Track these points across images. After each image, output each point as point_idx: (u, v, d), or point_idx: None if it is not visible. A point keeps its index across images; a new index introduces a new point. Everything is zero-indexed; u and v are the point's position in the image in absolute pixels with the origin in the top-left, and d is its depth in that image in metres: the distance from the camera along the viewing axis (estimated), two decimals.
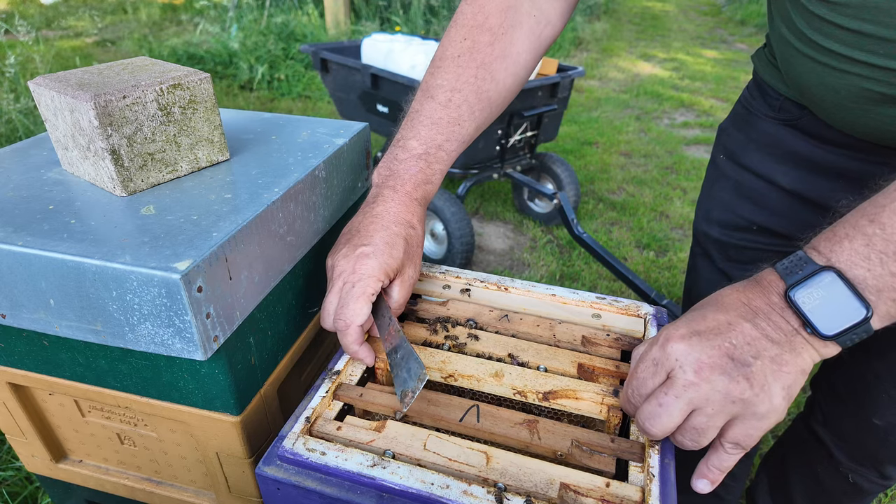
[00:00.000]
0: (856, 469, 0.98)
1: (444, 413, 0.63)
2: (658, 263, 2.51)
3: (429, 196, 0.73)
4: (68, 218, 0.65)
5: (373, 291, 0.64)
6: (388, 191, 0.71)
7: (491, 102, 0.76)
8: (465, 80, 0.73)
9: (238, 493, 0.78)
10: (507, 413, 0.63)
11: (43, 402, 0.80)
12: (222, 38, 5.03)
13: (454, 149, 0.74)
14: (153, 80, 0.69)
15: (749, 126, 0.85)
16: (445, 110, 0.72)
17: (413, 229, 0.69)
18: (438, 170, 0.73)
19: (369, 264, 0.64)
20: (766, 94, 0.82)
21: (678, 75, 5.42)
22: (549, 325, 0.76)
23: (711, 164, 0.95)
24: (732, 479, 1.15)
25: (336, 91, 2.64)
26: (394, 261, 0.65)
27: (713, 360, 0.50)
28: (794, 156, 0.79)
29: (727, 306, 0.53)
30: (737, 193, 0.88)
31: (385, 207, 0.69)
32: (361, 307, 0.63)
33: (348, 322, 0.63)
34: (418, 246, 0.70)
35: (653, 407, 0.53)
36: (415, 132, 0.73)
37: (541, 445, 0.60)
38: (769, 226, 0.85)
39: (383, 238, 0.66)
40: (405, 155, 0.72)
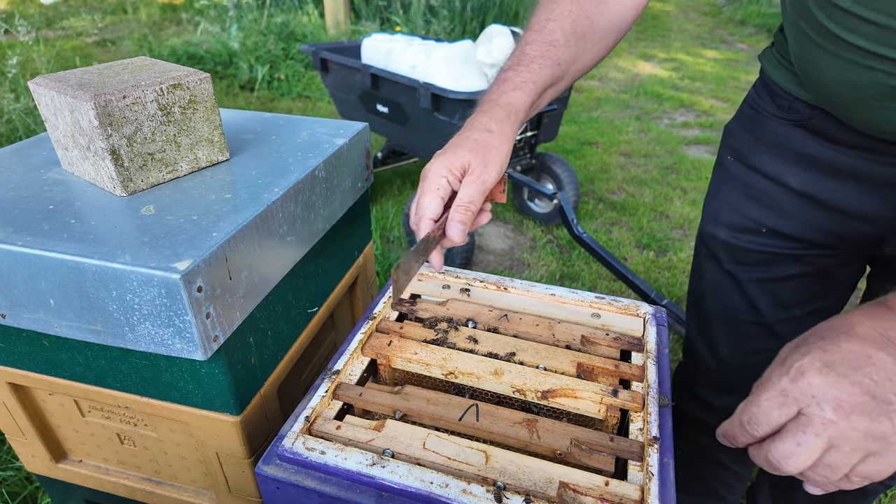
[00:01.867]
0: None
1: (444, 412, 0.64)
2: (658, 263, 2.51)
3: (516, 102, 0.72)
4: (68, 218, 0.65)
5: (437, 186, 0.67)
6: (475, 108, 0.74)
7: (585, 38, 0.77)
8: (559, 12, 0.75)
9: (238, 493, 0.78)
10: (506, 412, 0.64)
11: (43, 402, 0.80)
12: (222, 38, 5.03)
13: (548, 65, 0.74)
14: (153, 80, 0.70)
15: (757, 126, 0.85)
16: (540, 34, 0.75)
17: (488, 132, 0.70)
18: (529, 78, 0.73)
19: (434, 163, 0.68)
20: (775, 94, 0.81)
21: (678, 75, 5.42)
22: (548, 325, 0.76)
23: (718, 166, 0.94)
24: (735, 480, 1.15)
25: (336, 91, 2.64)
26: (457, 158, 0.67)
27: (853, 398, 0.47)
28: (804, 157, 0.78)
29: (861, 336, 0.49)
30: (745, 195, 0.87)
31: (468, 120, 0.72)
32: (429, 202, 0.67)
33: (420, 214, 0.68)
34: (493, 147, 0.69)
35: (790, 446, 0.49)
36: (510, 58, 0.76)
37: (540, 444, 0.60)
38: (779, 228, 0.84)
39: (454, 142, 0.69)
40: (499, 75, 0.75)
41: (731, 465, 1.10)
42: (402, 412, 0.64)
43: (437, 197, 0.67)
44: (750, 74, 5.40)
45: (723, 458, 1.09)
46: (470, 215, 0.68)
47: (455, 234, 0.67)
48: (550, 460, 0.58)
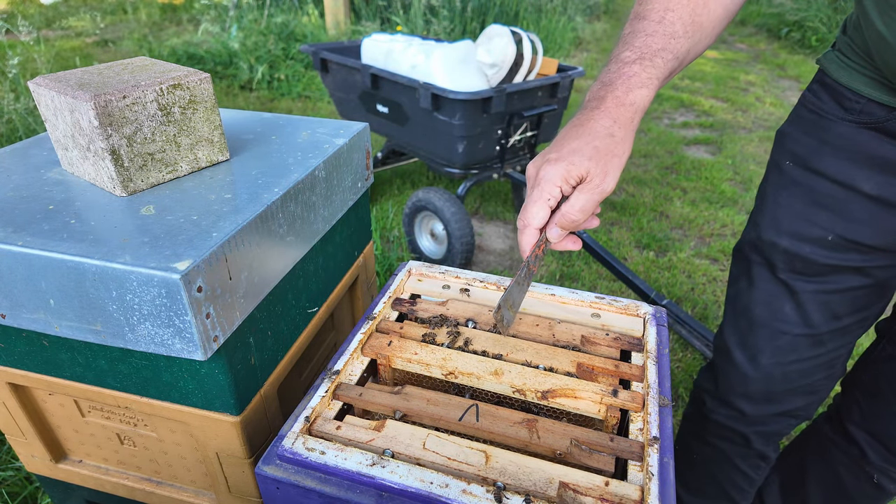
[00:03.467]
0: (885, 469, 0.97)
1: (444, 412, 0.64)
2: (658, 263, 2.51)
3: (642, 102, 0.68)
4: (68, 218, 0.65)
5: (549, 196, 0.64)
6: (594, 101, 0.68)
7: (703, 28, 0.73)
8: (678, 2, 0.71)
9: (238, 493, 0.78)
10: (506, 412, 0.64)
11: (43, 402, 0.80)
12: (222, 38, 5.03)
13: (670, 59, 0.70)
14: (153, 80, 0.70)
15: (821, 130, 0.81)
16: (660, 26, 0.71)
17: (611, 137, 0.65)
18: (655, 75, 0.69)
19: (549, 170, 0.64)
20: (842, 97, 0.79)
21: (678, 75, 5.42)
22: (548, 325, 0.76)
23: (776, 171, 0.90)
24: (750, 485, 1.14)
25: (336, 91, 2.64)
26: (575, 168, 0.63)
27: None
28: (878, 160, 0.76)
29: None
30: (810, 201, 0.84)
31: (587, 117, 0.67)
32: (537, 211, 0.64)
33: (525, 223, 0.65)
34: (614, 155, 0.65)
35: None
36: (628, 46, 0.70)
37: (540, 444, 0.60)
38: (847, 235, 0.81)
39: (570, 146, 0.64)
40: (618, 65, 0.69)
41: (748, 470, 1.09)
42: (402, 412, 0.64)
43: (547, 207, 0.65)
44: (749, 74, 5.40)
45: (741, 463, 1.08)
46: (578, 225, 0.66)
47: (555, 237, 0.66)
48: (550, 460, 0.58)
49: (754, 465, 1.09)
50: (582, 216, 0.65)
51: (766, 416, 0.98)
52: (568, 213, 0.64)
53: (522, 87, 2.11)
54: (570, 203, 0.64)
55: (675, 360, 1.87)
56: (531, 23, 5.58)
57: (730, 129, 4.04)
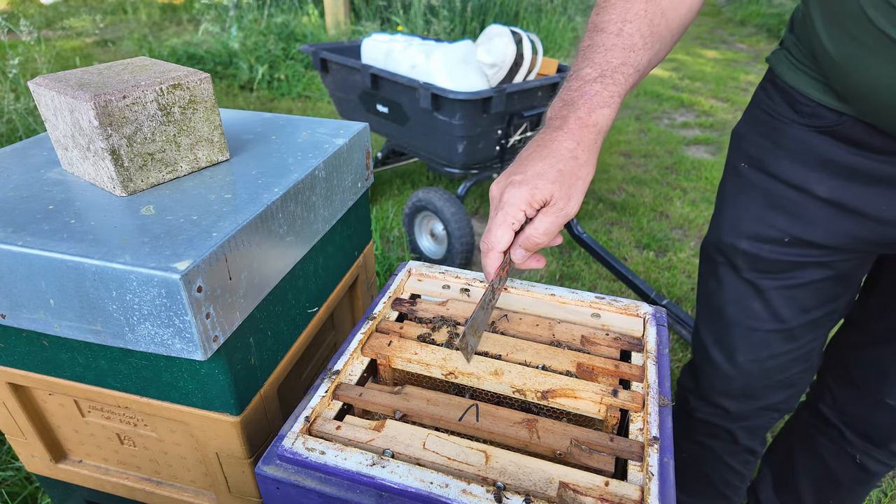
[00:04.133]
0: (865, 448, 0.98)
1: (444, 412, 0.64)
2: (658, 263, 2.51)
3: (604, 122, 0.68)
4: (68, 218, 0.65)
5: (514, 220, 0.64)
6: (557, 121, 0.67)
7: (661, 38, 0.73)
8: (635, 12, 0.70)
9: (238, 493, 0.78)
10: (506, 412, 0.64)
11: (43, 402, 0.80)
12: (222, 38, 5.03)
13: (630, 73, 0.70)
14: (153, 80, 0.70)
15: (775, 133, 0.82)
16: (618, 38, 0.70)
17: (575, 160, 0.64)
18: (616, 92, 0.68)
19: (514, 193, 0.63)
20: (793, 99, 0.79)
21: (678, 75, 5.42)
22: (548, 325, 0.76)
23: (732, 173, 0.91)
24: (741, 481, 1.15)
25: (336, 91, 2.64)
26: (539, 192, 0.63)
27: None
28: (830, 163, 0.76)
29: None
30: (767, 204, 0.84)
31: (550, 137, 0.66)
32: (502, 234, 0.64)
33: (490, 246, 0.65)
34: (577, 178, 0.65)
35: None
36: (588, 61, 0.70)
37: (540, 444, 0.60)
38: (804, 236, 0.82)
39: (535, 168, 0.64)
40: (579, 83, 0.69)
41: (737, 466, 1.10)
42: (402, 412, 0.64)
43: (511, 230, 0.65)
44: (749, 74, 5.40)
45: (729, 459, 1.09)
46: (540, 246, 0.66)
47: (519, 258, 0.66)
48: (550, 460, 0.58)
49: (743, 460, 1.10)
50: (546, 238, 0.65)
51: (749, 412, 1.00)
52: (532, 237, 0.65)
53: (522, 87, 2.11)
54: (535, 226, 0.64)
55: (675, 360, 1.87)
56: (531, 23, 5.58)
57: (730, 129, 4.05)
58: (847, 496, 1.08)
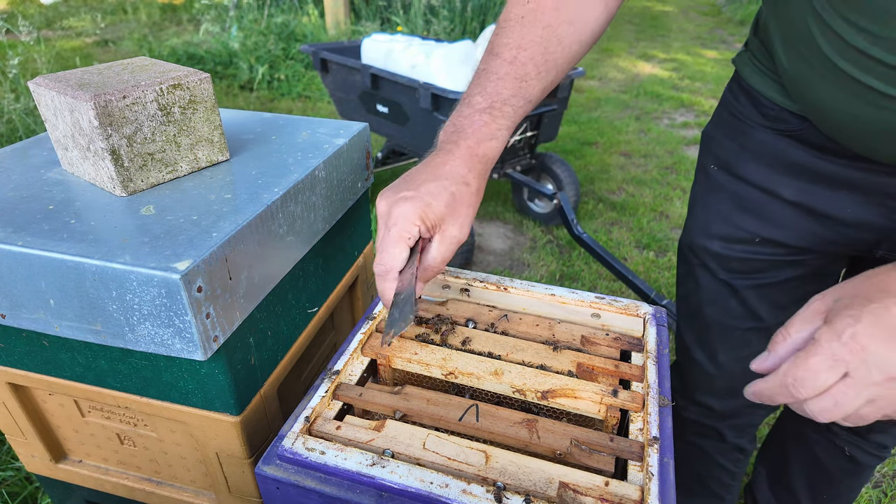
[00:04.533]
0: (852, 440, 0.99)
1: (444, 412, 0.64)
2: (658, 263, 2.51)
3: (492, 153, 0.69)
4: (68, 218, 0.65)
5: (409, 235, 0.62)
6: (449, 145, 0.67)
7: (557, 65, 0.73)
8: (531, 39, 0.70)
9: (238, 493, 0.78)
10: (506, 412, 0.64)
11: (43, 402, 0.80)
12: (222, 38, 5.03)
13: (521, 105, 0.70)
14: (153, 80, 0.70)
15: (742, 135, 0.83)
16: (511, 67, 0.70)
17: (466, 185, 0.65)
18: (504, 125, 0.69)
19: (406, 208, 0.62)
20: (758, 102, 0.79)
21: (678, 75, 5.42)
22: (548, 325, 0.76)
23: (702, 174, 0.92)
24: (732, 479, 1.16)
25: (336, 91, 2.64)
26: (431, 210, 0.62)
27: None
28: (795, 167, 0.77)
29: None
30: (736, 206, 0.85)
31: (443, 160, 0.66)
32: (399, 252, 0.62)
33: (387, 267, 0.63)
34: (468, 205, 0.65)
35: (827, 403, 0.51)
36: (480, 88, 0.70)
37: (540, 444, 0.60)
38: (773, 237, 0.83)
39: (428, 188, 0.63)
40: (469, 111, 0.69)
41: (727, 464, 1.11)
42: (402, 412, 0.64)
43: (407, 247, 0.63)
44: None
45: (720, 458, 1.10)
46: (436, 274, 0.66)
47: (420, 291, 0.65)
48: (550, 460, 0.58)
49: (733, 458, 1.10)
50: (443, 265, 0.66)
51: (734, 409, 1.01)
52: (431, 267, 0.65)
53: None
54: (432, 256, 0.64)
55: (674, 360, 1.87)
56: None
57: None
58: (840, 489, 1.09)
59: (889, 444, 0.98)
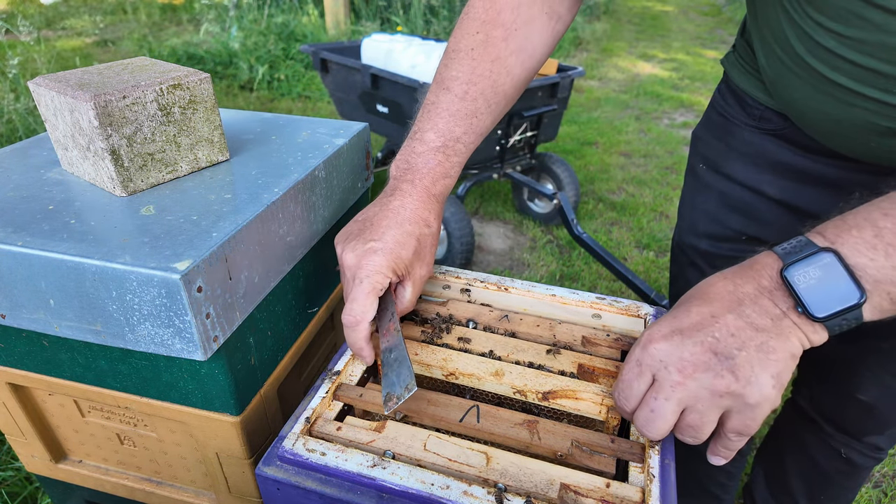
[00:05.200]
0: (847, 442, 0.99)
1: (444, 413, 0.63)
2: (658, 263, 2.51)
3: (447, 191, 0.72)
4: (68, 218, 0.65)
5: (381, 287, 0.63)
6: (405, 185, 0.68)
7: (506, 96, 0.74)
8: (481, 73, 0.71)
9: (238, 494, 0.78)
10: (507, 413, 0.63)
11: (43, 402, 0.80)
12: (222, 38, 5.03)
13: (472, 141, 0.72)
14: (153, 80, 0.69)
15: (728, 135, 0.84)
16: (462, 103, 0.71)
17: (428, 227, 0.67)
18: (457, 162, 0.71)
19: (376, 260, 0.63)
20: (744, 102, 0.80)
21: (678, 75, 5.42)
22: (549, 326, 0.76)
23: (690, 174, 0.93)
24: (729, 479, 1.16)
25: (336, 91, 2.64)
26: (401, 260, 0.64)
27: (696, 357, 0.50)
28: (780, 165, 0.78)
29: (712, 297, 0.53)
30: (723, 204, 0.86)
31: (402, 203, 0.67)
32: (371, 304, 0.63)
33: (357, 319, 0.63)
34: (431, 246, 0.68)
35: (646, 413, 0.53)
36: (432, 124, 0.71)
37: (541, 446, 0.60)
38: (758, 235, 0.84)
39: (394, 236, 0.64)
40: (423, 148, 0.70)
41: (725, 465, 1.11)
42: (403, 413, 0.64)
43: (377, 298, 0.63)
44: None
45: None
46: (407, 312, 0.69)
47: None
48: (551, 462, 0.58)
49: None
50: (413, 306, 0.70)
51: None
52: (406, 310, 0.69)
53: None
54: (407, 299, 0.68)
55: None
56: None
57: None
58: (837, 490, 1.09)
59: (884, 446, 0.98)
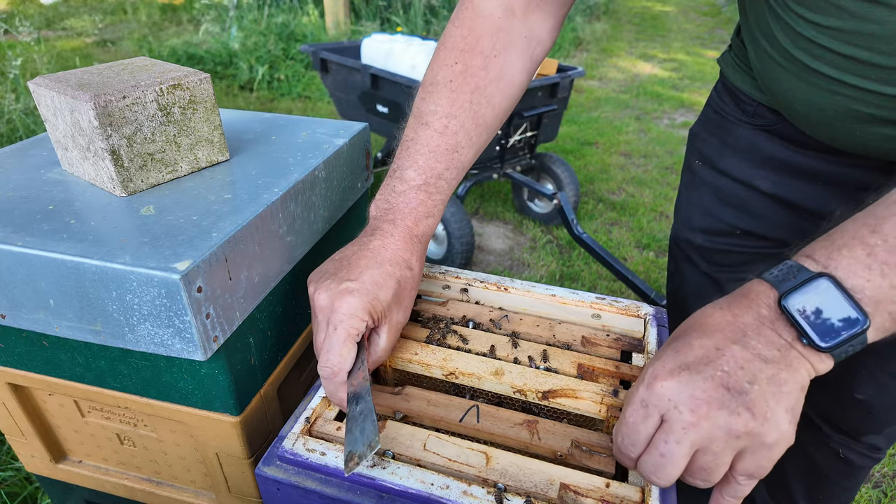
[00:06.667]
0: (844, 442, 0.99)
1: (444, 413, 0.63)
2: (658, 263, 2.51)
3: (430, 231, 0.68)
4: (68, 218, 0.65)
5: (357, 332, 0.59)
6: (387, 225, 0.65)
7: (488, 126, 0.72)
8: (461, 105, 0.68)
9: (238, 494, 0.78)
10: (506, 413, 0.63)
11: (43, 402, 0.80)
12: (222, 38, 5.03)
13: (454, 177, 0.69)
14: (153, 80, 0.69)
15: (723, 131, 0.85)
16: (442, 138, 0.68)
17: (409, 270, 0.64)
18: (440, 200, 0.68)
19: (351, 302, 0.58)
20: (739, 99, 0.82)
21: (678, 75, 5.42)
22: (548, 326, 0.76)
23: (687, 170, 0.94)
24: None
25: (336, 91, 2.64)
26: (379, 303, 0.60)
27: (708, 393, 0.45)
28: (772, 160, 0.79)
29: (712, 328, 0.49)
30: (717, 199, 0.87)
31: (382, 243, 0.64)
32: (348, 352, 0.58)
33: (335, 370, 0.58)
34: (411, 289, 0.65)
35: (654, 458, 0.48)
36: (412, 161, 0.68)
37: (540, 445, 0.60)
38: (752, 229, 0.85)
39: (372, 276, 0.60)
40: (404, 186, 0.67)
41: None
42: (403, 413, 0.64)
43: (355, 345, 0.59)
44: None
45: None
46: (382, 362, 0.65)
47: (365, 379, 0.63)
48: (551, 461, 0.58)
49: None
50: (387, 355, 0.65)
51: None
52: (380, 358, 0.64)
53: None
54: (382, 347, 0.63)
55: None
56: None
57: None
58: (836, 490, 1.09)
59: (882, 446, 0.98)
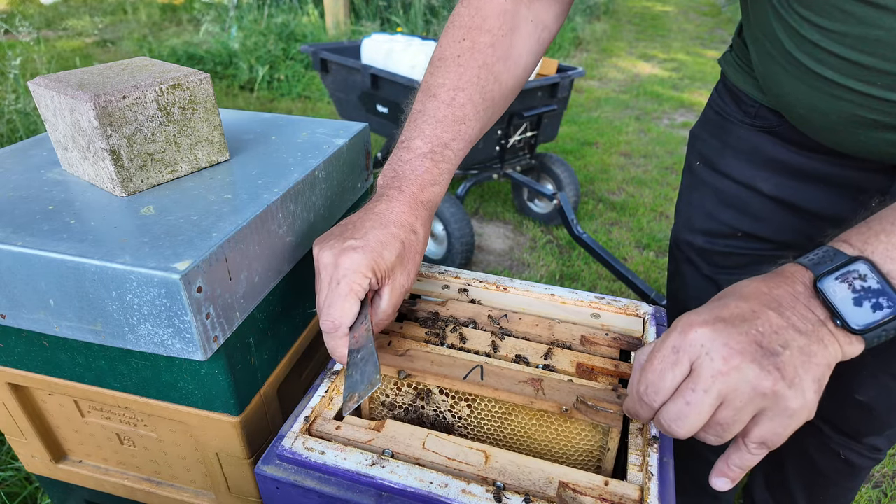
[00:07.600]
0: (845, 443, 0.99)
1: (448, 372, 0.64)
2: (658, 263, 2.51)
3: (436, 199, 0.68)
4: (68, 218, 0.65)
5: (360, 289, 0.59)
6: (392, 191, 0.66)
7: (494, 103, 0.73)
8: (468, 79, 0.69)
9: (238, 493, 0.78)
10: (511, 372, 0.64)
11: (43, 402, 0.80)
12: (222, 38, 5.03)
13: (461, 147, 0.70)
14: (153, 80, 0.70)
15: (724, 132, 0.84)
16: (449, 109, 0.69)
17: (414, 234, 0.64)
18: (446, 169, 0.68)
19: (354, 258, 0.58)
20: (740, 100, 0.81)
21: (678, 75, 5.42)
22: (548, 325, 0.76)
23: (688, 171, 0.94)
24: None
25: (336, 91, 2.64)
26: (383, 261, 0.60)
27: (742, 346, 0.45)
28: (774, 162, 0.79)
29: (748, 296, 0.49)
30: (718, 201, 0.87)
31: (388, 206, 0.64)
32: (350, 307, 0.58)
33: (336, 323, 0.59)
34: (416, 252, 0.64)
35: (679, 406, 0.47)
36: (419, 131, 0.69)
37: (545, 401, 0.60)
38: (753, 231, 0.84)
39: (377, 236, 0.61)
40: (410, 155, 0.68)
41: None
42: (407, 372, 0.64)
43: (357, 301, 0.59)
44: None
45: (711, 456, 1.10)
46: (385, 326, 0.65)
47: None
48: (550, 460, 0.58)
49: None
50: (394, 316, 0.65)
51: None
52: (382, 321, 0.63)
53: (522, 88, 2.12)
54: (383, 308, 0.62)
55: None
56: None
57: None
58: (836, 491, 1.09)
59: (883, 447, 0.98)
